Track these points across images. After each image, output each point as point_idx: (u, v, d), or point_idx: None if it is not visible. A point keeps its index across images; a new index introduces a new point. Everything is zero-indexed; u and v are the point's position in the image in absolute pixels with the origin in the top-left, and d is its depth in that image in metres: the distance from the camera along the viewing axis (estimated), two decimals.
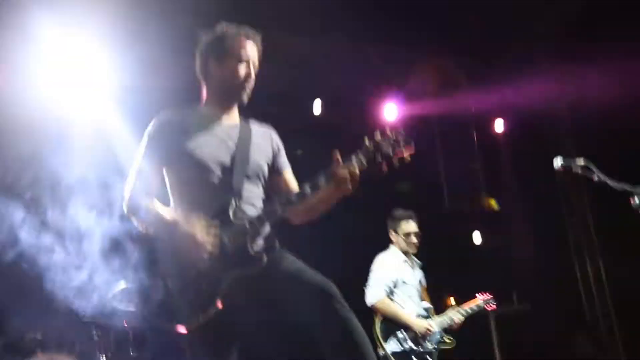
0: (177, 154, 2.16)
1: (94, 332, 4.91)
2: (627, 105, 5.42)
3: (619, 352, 6.92)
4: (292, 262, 2.14)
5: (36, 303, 4.96)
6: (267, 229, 2.17)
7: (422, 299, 4.17)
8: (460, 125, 7.70)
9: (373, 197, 4.43)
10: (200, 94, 2.35)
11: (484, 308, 4.44)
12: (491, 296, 4.43)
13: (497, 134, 7.70)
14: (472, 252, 5.06)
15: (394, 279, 4.05)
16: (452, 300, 4.92)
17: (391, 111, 7.22)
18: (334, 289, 1.97)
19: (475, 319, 4.26)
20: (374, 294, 4.00)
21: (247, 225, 2.09)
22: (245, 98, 2.27)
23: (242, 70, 2.22)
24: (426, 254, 4.35)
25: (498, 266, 5.72)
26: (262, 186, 2.30)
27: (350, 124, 6.96)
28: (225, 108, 2.29)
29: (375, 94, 7.25)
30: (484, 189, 7.48)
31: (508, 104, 7.64)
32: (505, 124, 7.69)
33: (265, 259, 2.06)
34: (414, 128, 6.81)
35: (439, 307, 4.31)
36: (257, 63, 2.28)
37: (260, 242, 2.15)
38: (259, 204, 2.25)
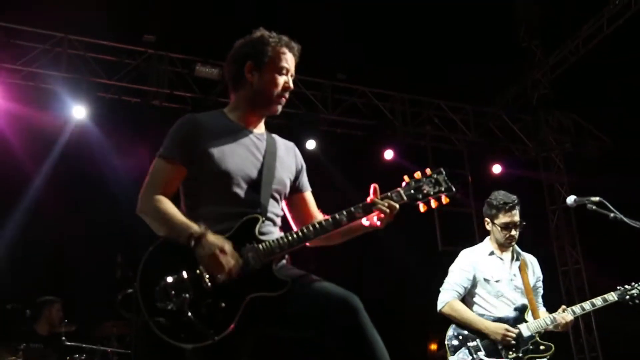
0: (200, 157, 2.02)
1: (77, 356, 4.75)
2: None
3: None
4: (309, 277, 1.99)
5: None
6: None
7: (525, 297, 3.46)
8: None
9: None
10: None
11: (619, 302, 3.44)
12: (634, 285, 3.46)
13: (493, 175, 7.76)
14: None
15: (470, 278, 3.46)
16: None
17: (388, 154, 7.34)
18: (357, 301, 1.83)
19: None
20: (441, 299, 3.46)
21: (275, 246, 1.96)
22: (279, 109, 2.18)
23: (281, 80, 2.14)
24: None
25: None
26: (281, 203, 2.19)
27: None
28: (255, 116, 2.20)
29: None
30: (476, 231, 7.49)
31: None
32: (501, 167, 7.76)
33: (290, 284, 1.92)
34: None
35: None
36: (294, 75, 2.20)
37: (283, 265, 2.04)
38: (279, 222, 2.15)
